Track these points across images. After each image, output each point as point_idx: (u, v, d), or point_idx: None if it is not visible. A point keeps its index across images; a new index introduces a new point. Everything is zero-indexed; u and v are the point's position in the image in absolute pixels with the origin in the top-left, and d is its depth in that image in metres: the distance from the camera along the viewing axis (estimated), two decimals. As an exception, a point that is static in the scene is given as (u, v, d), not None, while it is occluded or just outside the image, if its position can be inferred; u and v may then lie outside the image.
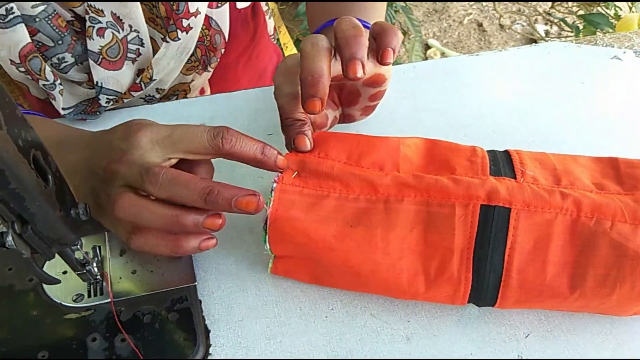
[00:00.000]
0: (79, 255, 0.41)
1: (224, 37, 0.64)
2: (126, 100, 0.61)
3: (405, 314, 0.43)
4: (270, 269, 0.45)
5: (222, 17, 0.63)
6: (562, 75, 0.62)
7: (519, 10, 2.02)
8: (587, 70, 0.62)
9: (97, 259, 0.45)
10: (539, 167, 0.42)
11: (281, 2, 1.83)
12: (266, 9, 0.75)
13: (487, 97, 0.59)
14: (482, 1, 2.04)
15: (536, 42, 0.64)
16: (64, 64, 0.57)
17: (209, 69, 0.66)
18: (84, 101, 0.61)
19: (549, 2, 1.92)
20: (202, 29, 0.61)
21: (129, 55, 0.59)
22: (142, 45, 0.59)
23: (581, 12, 1.78)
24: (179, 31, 0.58)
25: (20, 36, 0.53)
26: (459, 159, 0.43)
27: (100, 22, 0.56)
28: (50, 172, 0.34)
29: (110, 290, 0.44)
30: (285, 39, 0.83)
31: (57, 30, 0.55)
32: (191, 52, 0.61)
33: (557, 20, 1.91)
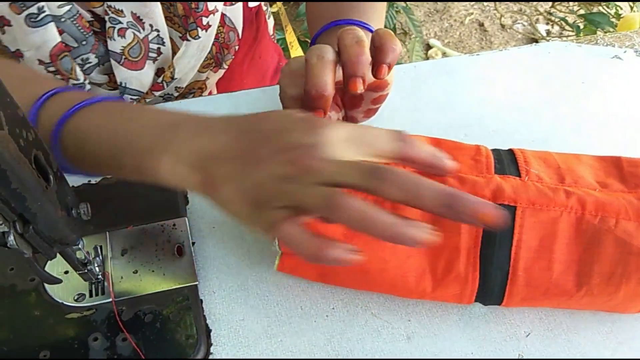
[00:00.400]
0: (80, 255, 0.41)
1: (238, 35, 0.64)
2: (148, 100, 0.61)
3: (406, 313, 0.44)
4: (276, 266, 0.44)
5: (236, 14, 0.63)
6: (562, 74, 0.62)
7: (520, 10, 2.02)
8: (588, 69, 0.62)
9: (99, 258, 0.45)
10: (543, 165, 0.42)
11: (283, 3, 1.83)
12: (265, 9, 0.75)
13: (487, 97, 0.59)
14: (483, 1, 2.03)
15: (537, 41, 0.65)
16: (88, 65, 0.57)
17: (223, 66, 0.66)
18: None
19: (550, 1, 1.92)
20: (217, 27, 0.61)
21: (150, 54, 0.59)
22: (162, 44, 0.59)
23: (582, 11, 1.78)
24: (199, 29, 0.58)
25: (51, 35, 0.53)
26: (463, 157, 0.43)
27: (120, 22, 0.55)
28: (51, 172, 0.34)
29: (111, 289, 0.44)
30: (291, 38, 0.83)
31: (81, 30, 0.55)
32: (209, 50, 0.62)
33: (558, 20, 1.91)
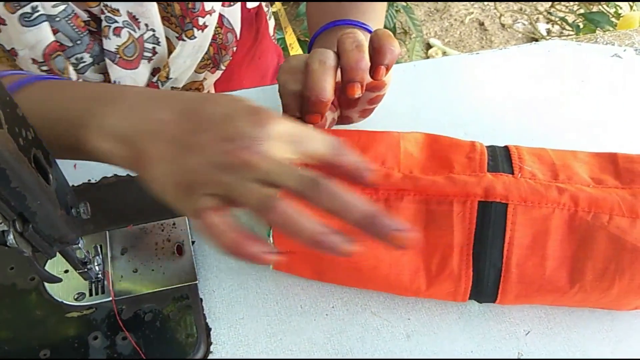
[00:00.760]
0: (80, 254, 0.41)
1: (236, 36, 0.64)
2: None
3: (405, 311, 0.44)
4: (272, 265, 0.45)
5: (234, 15, 0.63)
6: (562, 73, 0.62)
7: (521, 9, 2.02)
8: (588, 68, 0.62)
9: (99, 257, 0.45)
10: (537, 162, 0.42)
11: (282, 3, 1.83)
12: (266, 10, 0.75)
13: (487, 96, 0.59)
14: (484, 0, 2.03)
15: (537, 41, 0.64)
16: (82, 64, 0.57)
17: (221, 67, 0.66)
18: None
19: (550, 1, 1.92)
20: (215, 28, 0.61)
21: (145, 54, 0.59)
22: (158, 44, 0.59)
23: (582, 11, 1.78)
24: (195, 29, 0.58)
25: (44, 34, 0.53)
26: (457, 156, 0.43)
27: (116, 21, 0.56)
28: (50, 171, 0.34)
29: (111, 288, 0.44)
30: (291, 39, 0.83)
31: (76, 30, 0.55)
32: (205, 50, 0.62)
33: (558, 19, 1.91)
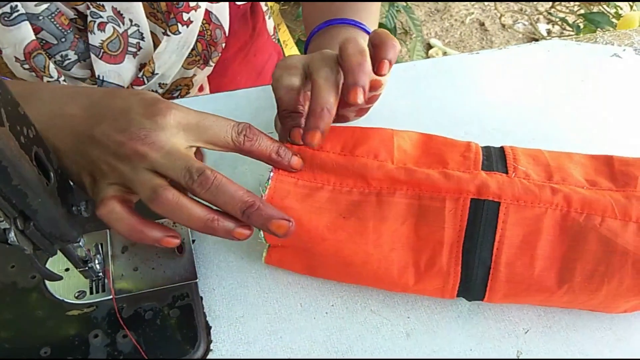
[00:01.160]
0: (81, 252, 0.41)
1: (225, 32, 0.64)
2: None
3: (405, 310, 0.44)
4: (264, 258, 0.45)
5: (222, 11, 0.63)
6: (562, 73, 0.62)
7: (521, 9, 2.02)
8: (587, 68, 0.62)
9: (99, 256, 0.45)
10: (532, 163, 0.42)
11: (283, 3, 1.83)
12: (265, 9, 0.75)
13: (487, 95, 0.59)
14: (484, 1, 2.04)
15: (538, 41, 0.64)
16: (67, 61, 0.58)
17: (210, 63, 0.66)
18: None
19: (550, 1, 1.92)
20: (203, 24, 0.62)
21: (130, 49, 0.59)
22: (142, 39, 0.59)
23: (582, 11, 1.78)
24: (179, 25, 0.59)
25: (24, 34, 0.54)
26: (452, 154, 0.43)
27: (101, 16, 0.56)
28: (52, 169, 0.35)
29: (112, 287, 0.44)
30: (284, 36, 0.83)
31: (60, 28, 0.56)
32: (192, 47, 0.62)
33: (558, 19, 1.91)
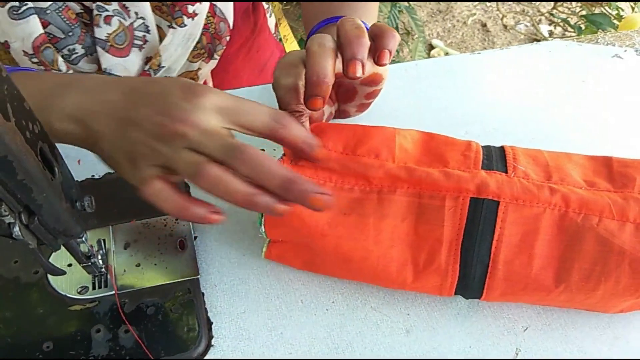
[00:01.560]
0: (84, 247, 0.41)
1: (229, 25, 0.65)
2: None
3: (405, 307, 0.44)
4: (264, 253, 0.45)
5: (226, 5, 0.63)
6: (563, 73, 0.62)
7: (523, 10, 2.02)
8: (588, 68, 0.62)
9: (102, 251, 0.45)
10: (531, 162, 0.43)
11: (286, 2, 1.83)
12: (267, 7, 0.75)
13: (488, 95, 0.60)
14: (486, 1, 2.04)
15: (539, 42, 0.64)
16: (75, 55, 0.58)
17: (215, 56, 0.67)
18: None
19: (552, 1, 1.92)
20: (207, 17, 0.62)
21: (136, 42, 0.60)
22: (148, 32, 0.60)
23: (584, 12, 1.78)
24: (184, 17, 0.59)
25: (33, 27, 0.54)
26: (453, 153, 0.43)
27: (107, 10, 0.57)
28: (56, 165, 0.35)
29: (114, 282, 0.44)
30: (285, 31, 0.84)
31: (67, 22, 0.56)
32: (197, 39, 0.62)
33: (560, 21, 1.91)
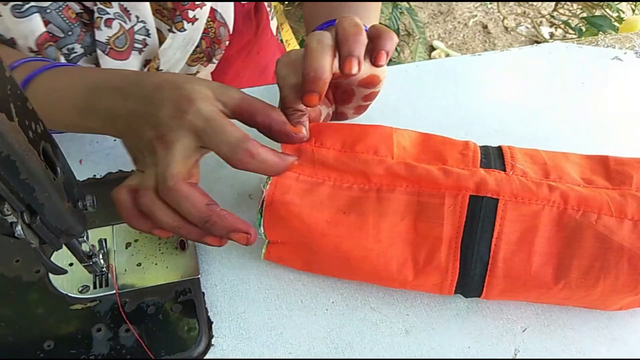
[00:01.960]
0: (85, 247, 0.41)
1: (229, 30, 0.65)
2: None
3: (404, 307, 0.44)
4: (263, 254, 0.45)
5: (227, 10, 0.64)
6: (563, 75, 0.62)
7: (524, 12, 2.03)
8: (588, 70, 0.63)
9: (103, 251, 0.46)
10: (529, 161, 0.43)
11: (287, 4, 1.84)
12: (269, 10, 0.76)
13: (488, 96, 0.60)
14: (487, 1, 2.04)
15: (540, 43, 0.65)
16: (74, 55, 0.59)
17: (213, 60, 0.67)
18: None
19: (552, 2, 1.92)
20: (207, 21, 0.62)
21: (136, 45, 0.60)
22: (148, 35, 0.60)
23: (584, 14, 1.78)
24: (184, 22, 0.59)
25: (35, 25, 0.55)
26: (451, 151, 0.43)
27: (108, 13, 0.57)
28: (58, 164, 0.35)
29: (115, 282, 0.44)
30: (287, 35, 0.84)
31: (67, 21, 0.56)
32: (196, 44, 0.62)
33: (561, 22, 1.91)
